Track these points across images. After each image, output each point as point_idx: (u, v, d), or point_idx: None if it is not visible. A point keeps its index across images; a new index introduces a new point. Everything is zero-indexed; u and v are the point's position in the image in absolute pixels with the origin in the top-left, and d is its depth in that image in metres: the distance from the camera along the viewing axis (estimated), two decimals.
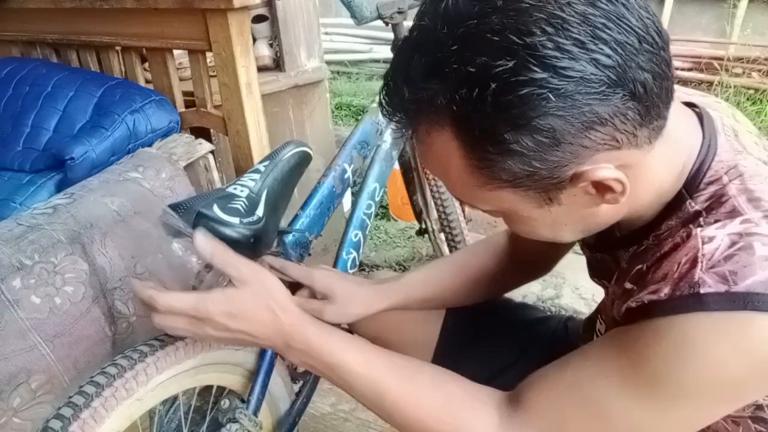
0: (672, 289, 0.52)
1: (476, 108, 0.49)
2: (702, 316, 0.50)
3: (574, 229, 0.61)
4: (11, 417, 1.00)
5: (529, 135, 0.48)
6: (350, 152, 1.20)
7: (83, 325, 1.10)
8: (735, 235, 0.51)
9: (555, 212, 0.56)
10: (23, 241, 1.07)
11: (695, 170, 0.57)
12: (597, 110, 0.48)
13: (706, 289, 0.50)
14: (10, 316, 1.01)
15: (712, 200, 0.55)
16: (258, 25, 2.23)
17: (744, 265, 0.49)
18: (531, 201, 0.55)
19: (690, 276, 0.51)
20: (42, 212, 1.16)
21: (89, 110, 1.58)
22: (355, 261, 1.21)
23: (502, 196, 0.55)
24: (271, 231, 0.87)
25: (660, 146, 0.55)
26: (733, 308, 0.48)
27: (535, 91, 0.46)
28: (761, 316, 0.48)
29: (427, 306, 1.00)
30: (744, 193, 0.54)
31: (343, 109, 3.79)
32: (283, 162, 0.90)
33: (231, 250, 0.72)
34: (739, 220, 0.52)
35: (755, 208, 0.53)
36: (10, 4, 1.83)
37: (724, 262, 0.50)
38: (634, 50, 0.48)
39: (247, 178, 0.87)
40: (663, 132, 0.54)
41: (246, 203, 0.83)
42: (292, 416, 1.04)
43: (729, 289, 0.49)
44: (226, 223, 0.79)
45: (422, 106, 0.53)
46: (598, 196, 0.54)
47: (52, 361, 1.05)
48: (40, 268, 1.06)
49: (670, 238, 0.57)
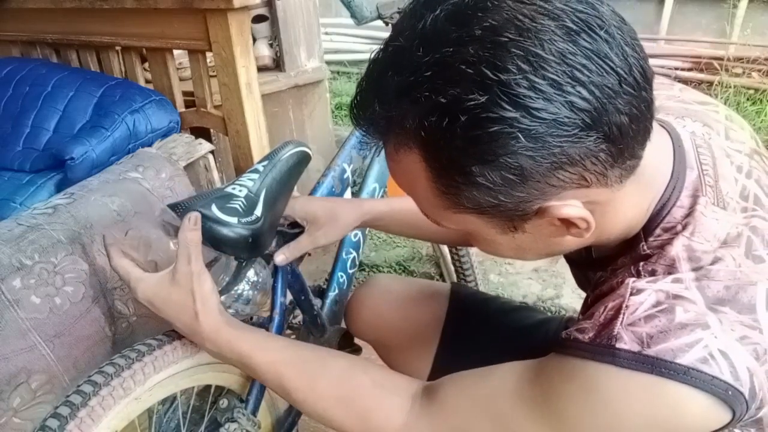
0: (594, 335, 0.53)
1: (444, 137, 0.48)
2: (612, 370, 0.51)
3: (538, 253, 0.61)
4: (11, 417, 1.00)
5: (496, 171, 0.47)
6: (350, 152, 1.20)
7: (83, 325, 1.10)
8: (662, 294, 0.52)
9: (519, 239, 0.56)
10: (23, 241, 1.07)
11: (656, 212, 0.57)
12: (568, 151, 0.47)
13: (621, 345, 0.51)
14: (10, 316, 1.01)
15: (659, 250, 0.56)
16: (258, 25, 2.23)
17: (660, 330, 0.50)
18: (496, 227, 0.55)
19: (611, 327, 0.52)
20: (42, 212, 1.16)
21: (89, 110, 1.58)
22: (355, 261, 1.21)
23: (467, 219, 0.55)
24: (269, 231, 0.87)
25: (631, 184, 0.54)
26: (641, 369, 0.49)
27: (504, 129, 0.45)
28: (665, 383, 0.49)
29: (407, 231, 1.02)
30: (687, 250, 0.54)
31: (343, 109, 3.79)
32: (282, 162, 0.90)
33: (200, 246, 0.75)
34: (672, 278, 0.53)
35: (691, 268, 0.53)
36: (10, 4, 1.83)
37: (644, 323, 0.51)
38: (613, 93, 0.46)
39: (246, 177, 0.87)
40: (637, 169, 0.53)
41: (244, 203, 0.83)
42: (292, 416, 1.04)
43: (641, 350, 0.50)
44: (225, 222, 0.79)
45: (392, 125, 0.52)
46: (563, 228, 0.54)
47: (52, 361, 1.05)
48: (40, 268, 1.06)
49: (616, 278, 0.58)
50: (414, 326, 1.02)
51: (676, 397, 0.49)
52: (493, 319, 1.01)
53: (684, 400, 0.49)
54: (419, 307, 1.04)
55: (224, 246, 0.80)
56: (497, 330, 1.00)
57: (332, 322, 1.15)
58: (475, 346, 0.98)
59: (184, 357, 0.81)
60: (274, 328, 0.92)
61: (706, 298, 0.51)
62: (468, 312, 1.01)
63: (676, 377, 0.48)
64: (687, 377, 0.48)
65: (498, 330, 1.00)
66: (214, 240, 0.79)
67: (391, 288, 1.09)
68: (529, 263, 2.04)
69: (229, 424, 0.85)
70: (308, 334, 1.11)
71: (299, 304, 1.05)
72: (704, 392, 0.48)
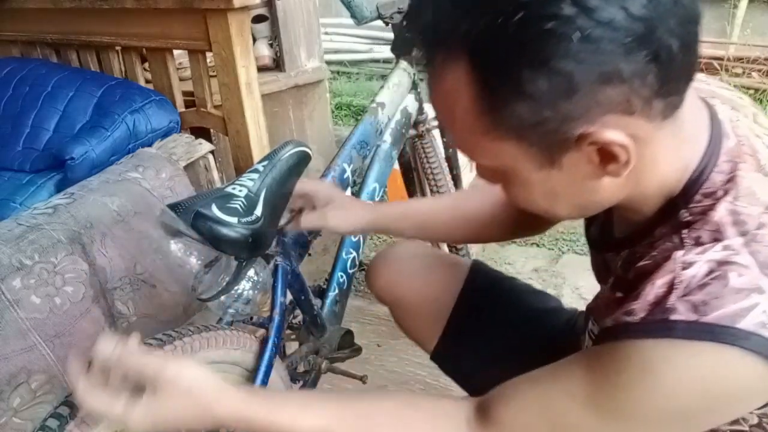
0: (646, 313, 0.52)
1: (497, 38, 0.47)
2: (670, 343, 0.50)
3: (570, 202, 0.58)
4: (11, 417, 1.00)
5: (545, 77, 0.46)
6: (350, 152, 1.20)
7: (83, 325, 1.10)
8: (713, 263, 0.51)
9: (554, 178, 0.54)
10: (23, 241, 1.07)
11: (695, 177, 0.56)
12: (618, 64, 0.46)
13: (676, 317, 0.49)
14: (10, 316, 1.01)
15: (701, 216, 0.54)
16: (258, 25, 2.23)
17: (716, 296, 0.49)
18: (532, 160, 0.53)
19: (664, 302, 0.51)
20: (42, 212, 1.16)
21: (89, 110, 1.58)
22: (355, 261, 1.21)
23: (504, 150, 0.53)
24: (269, 231, 0.87)
25: (670, 130, 0.53)
26: (699, 338, 0.48)
27: (561, 27, 0.45)
28: (724, 350, 0.48)
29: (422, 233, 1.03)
30: (731, 215, 0.53)
31: (343, 109, 3.79)
32: (282, 162, 0.90)
33: (143, 351, 0.67)
34: (721, 246, 0.51)
35: (739, 233, 0.52)
36: (10, 4, 1.83)
37: (698, 291, 0.50)
38: (667, 10, 0.46)
39: (246, 177, 0.87)
40: (677, 115, 0.52)
41: (244, 203, 0.83)
42: None
43: (699, 318, 0.48)
44: (224, 222, 0.79)
45: (442, 34, 0.51)
46: (600, 167, 0.52)
47: (52, 361, 1.05)
48: (40, 268, 1.06)
49: (656, 251, 0.56)
50: (432, 293, 1.03)
51: (739, 363, 0.48)
52: (507, 296, 1.02)
53: (747, 366, 0.48)
54: (440, 274, 1.05)
55: (224, 246, 0.80)
56: (509, 307, 1.00)
57: (332, 322, 1.15)
58: (486, 319, 0.99)
59: (184, 356, 0.81)
60: (274, 328, 0.92)
61: (759, 262, 0.50)
62: (484, 286, 1.02)
63: (738, 342, 0.47)
64: (748, 342, 0.47)
65: (510, 307, 1.00)
66: (215, 240, 0.79)
67: (417, 252, 1.09)
68: (530, 263, 2.04)
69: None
70: (308, 334, 1.11)
71: (299, 304, 1.05)
72: (764, 358, 0.47)
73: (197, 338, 0.83)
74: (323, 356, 1.13)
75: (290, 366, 1.07)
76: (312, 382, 1.11)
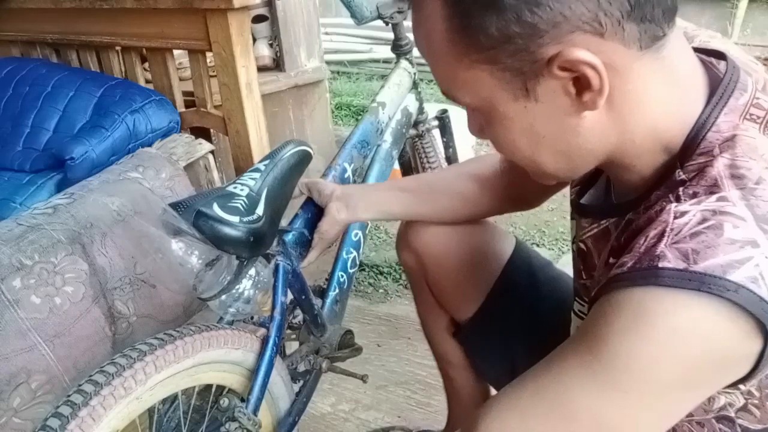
0: (634, 261, 0.50)
1: None
2: (657, 291, 0.47)
3: (554, 147, 0.57)
4: (11, 417, 1.00)
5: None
6: (350, 151, 1.20)
7: (83, 325, 1.10)
8: (708, 212, 0.49)
9: (532, 112, 0.54)
10: (23, 241, 1.07)
11: (692, 135, 0.54)
12: None
13: (665, 264, 0.47)
14: (10, 316, 1.01)
15: (697, 173, 0.52)
16: (258, 25, 2.23)
17: (708, 245, 0.47)
18: (507, 88, 0.53)
19: (653, 249, 0.49)
20: (42, 212, 1.16)
21: (89, 110, 1.58)
22: (356, 260, 1.21)
23: (480, 79, 0.53)
24: (270, 230, 0.87)
25: (655, 67, 0.52)
26: (688, 287, 0.46)
27: None
28: (714, 301, 0.46)
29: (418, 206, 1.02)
30: (730, 168, 0.51)
31: (343, 109, 3.79)
32: (283, 161, 0.90)
33: None
34: (716, 197, 0.49)
35: (736, 186, 0.50)
36: (10, 4, 1.83)
37: (689, 240, 0.48)
38: None
39: (247, 177, 0.87)
40: (662, 53, 0.52)
41: (246, 202, 0.83)
42: (292, 416, 1.04)
43: (687, 267, 0.46)
44: (226, 221, 0.78)
45: None
46: (577, 100, 0.51)
47: (52, 361, 1.05)
48: (40, 268, 1.06)
49: (652, 212, 0.54)
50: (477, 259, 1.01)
51: (726, 316, 0.46)
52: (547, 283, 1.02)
53: (734, 320, 0.46)
54: (486, 242, 1.03)
55: (226, 245, 0.80)
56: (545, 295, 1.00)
57: (333, 322, 1.15)
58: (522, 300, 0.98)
59: (185, 356, 0.81)
60: (275, 327, 0.92)
61: (756, 216, 0.48)
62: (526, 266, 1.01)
63: (727, 294, 0.45)
64: (737, 296, 0.45)
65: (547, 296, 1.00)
66: (216, 239, 0.79)
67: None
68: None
69: (230, 423, 0.85)
70: (308, 334, 1.11)
71: (300, 304, 1.05)
72: (750, 314, 0.45)
73: (198, 338, 0.83)
74: (324, 356, 1.13)
75: (290, 366, 1.07)
76: (312, 381, 1.11)
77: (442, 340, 1.11)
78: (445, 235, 1.02)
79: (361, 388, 1.51)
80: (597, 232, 0.68)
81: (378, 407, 1.46)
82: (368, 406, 1.47)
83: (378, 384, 1.53)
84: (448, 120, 1.70)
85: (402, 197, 1.00)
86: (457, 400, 1.17)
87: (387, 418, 1.42)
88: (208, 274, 0.86)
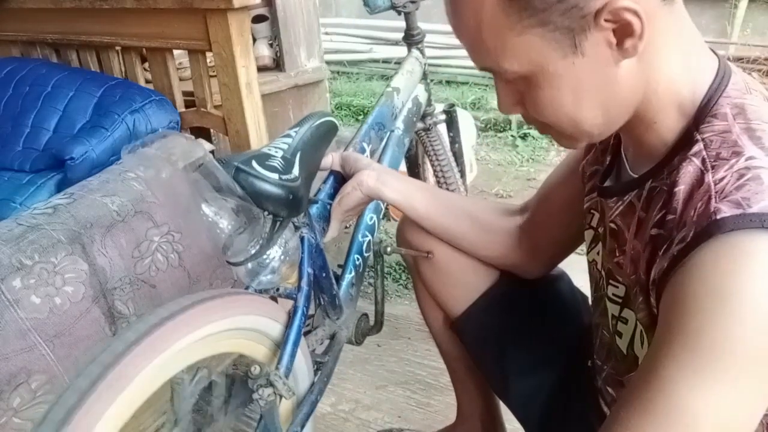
0: (694, 229, 0.54)
1: None
2: (721, 239, 0.51)
3: (595, 99, 0.60)
4: (11, 417, 1.00)
5: None
6: (368, 132, 1.20)
7: (83, 325, 1.10)
8: (743, 169, 0.54)
9: (579, 67, 0.57)
10: (23, 241, 1.07)
11: (705, 101, 0.59)
12: None
13: (722, 215, 0.52)
14: (10, 316, 1.01)
15: (717, 135, 0.57)
16: (258, 25, 2.23)
17: (755, 192, 0.52)
18: (557, 48, 0.56)
19: (706, 211, 0.53)
20: (42, 212, 1.16)
21: (89, 110, 1.58)
22: (370, 245, 1.20)
23: (531, 43, 0.56)
24: (305, 192, 0.86)
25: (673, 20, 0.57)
26: (750, 226, 0.51)
27: None
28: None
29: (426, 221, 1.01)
30: (747, 131, 0.56)
31: (343, 109, 3.78)
32: (312, 129, 0.90)
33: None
34: (744, 157, 0.55)
35: (757, 146, 0.55)
36: (10, 4, 1.83)
37: (736, 192, 0.53)
38: None
39: (280, 141, 0.86)
40: (678, 11, 0.57)
41: (282, 162, 0.82)
42: (314, 394, 0.99)
43: (744, 211, 0.51)
44: (266, 178, 0.77)
45: None
46: (618, 49, 0.55)
47: (52, 361, 1.05)
48: (40, 268, 1.06)
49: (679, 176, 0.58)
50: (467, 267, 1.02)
51: None
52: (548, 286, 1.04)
53: None
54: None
55: (266, 201, 0.79)
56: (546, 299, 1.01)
57: (348, 305, 1.13)
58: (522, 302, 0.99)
59: (210, 321, 0.75)
60: (302, 298, 0.90)
61: None
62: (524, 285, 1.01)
63: None
64: None
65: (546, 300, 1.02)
66: (256, 194, 0.77)
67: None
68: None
69: (263, 390, 0.80)
70: (324, 318, 1.09)
71: (319, 282, 1.02)
72: None
73: (229, 300, 0.80)
74: (341, 341, 1.10)
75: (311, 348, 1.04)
76: (332, 361, 1.07)
77: (441, 331, 1.12)
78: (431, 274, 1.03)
79: (361, 388, 1.51)
80: (623, 208, 0.70)
81: (378, 407, 1.46)
82: (368, 406, 1.47)
83: (378, 384, 1.53)
84: (455, 114, 1.69)
85: (430, 201, 0.98)
86: (464, 389, 1.17)
87: (387, 418, 1.42)
88: (239, 238, 0.84)
